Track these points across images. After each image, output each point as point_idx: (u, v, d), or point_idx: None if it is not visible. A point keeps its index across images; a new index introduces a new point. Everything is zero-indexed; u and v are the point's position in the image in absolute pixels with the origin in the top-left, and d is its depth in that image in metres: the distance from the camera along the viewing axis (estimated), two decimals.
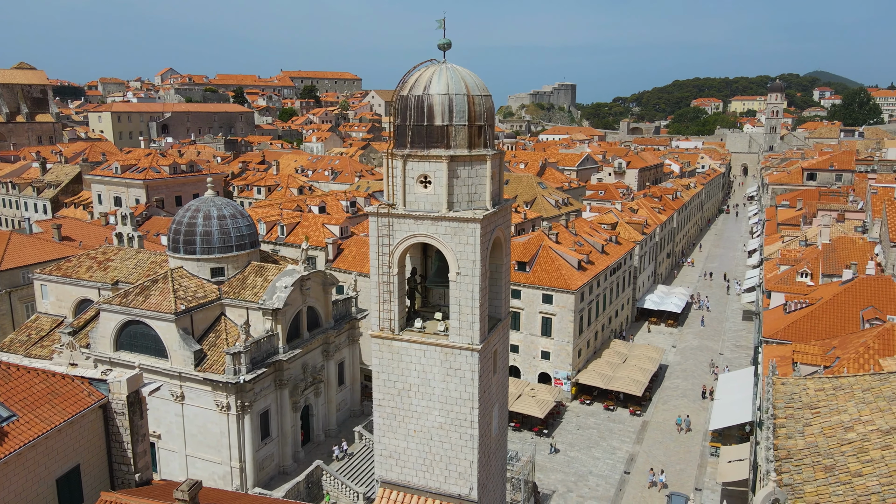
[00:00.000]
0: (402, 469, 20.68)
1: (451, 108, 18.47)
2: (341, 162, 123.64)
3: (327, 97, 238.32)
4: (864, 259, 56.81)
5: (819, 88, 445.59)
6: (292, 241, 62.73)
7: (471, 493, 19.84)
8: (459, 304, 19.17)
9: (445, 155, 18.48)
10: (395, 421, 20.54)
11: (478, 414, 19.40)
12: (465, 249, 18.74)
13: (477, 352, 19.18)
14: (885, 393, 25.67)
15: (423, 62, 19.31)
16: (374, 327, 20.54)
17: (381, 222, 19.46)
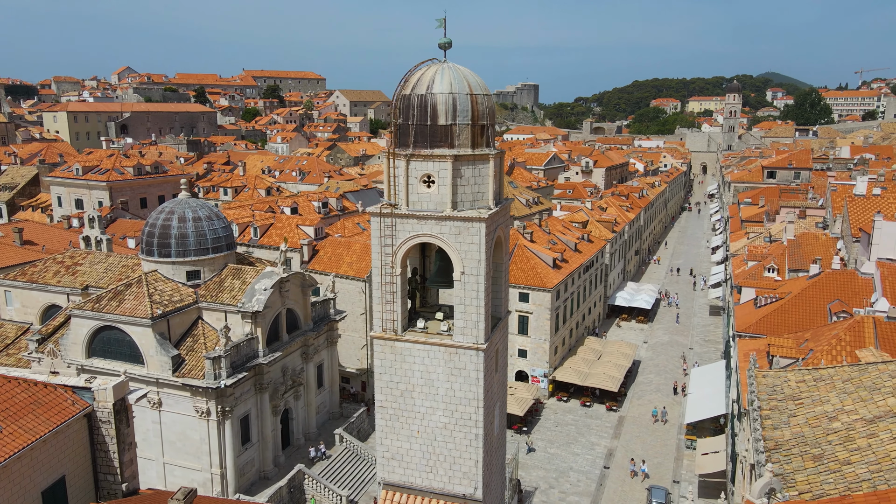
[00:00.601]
0: (404, 470, 20.58)
1: (455, 108, 18.45)
2: (309, 162, 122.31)
3: (291, 97, 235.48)
4: (827, 254, 58.72)
5: (772, 89, 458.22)
6: (266, 242, 61.81)
7: (476, 493, 19.86)
8: (464, 303, 19.16)
9: (450, 154, 18.46)
10: (398, 422, 20.43)
11: (483, 413, 19.44)
12: (471, 249, 18.75)
13: (482, 351, 19.21)
14: (865, 383, 26.55)
15: (423, 61, 19.28)
16: (375, 329, 20.37)
17: (383, 222, 19.33)
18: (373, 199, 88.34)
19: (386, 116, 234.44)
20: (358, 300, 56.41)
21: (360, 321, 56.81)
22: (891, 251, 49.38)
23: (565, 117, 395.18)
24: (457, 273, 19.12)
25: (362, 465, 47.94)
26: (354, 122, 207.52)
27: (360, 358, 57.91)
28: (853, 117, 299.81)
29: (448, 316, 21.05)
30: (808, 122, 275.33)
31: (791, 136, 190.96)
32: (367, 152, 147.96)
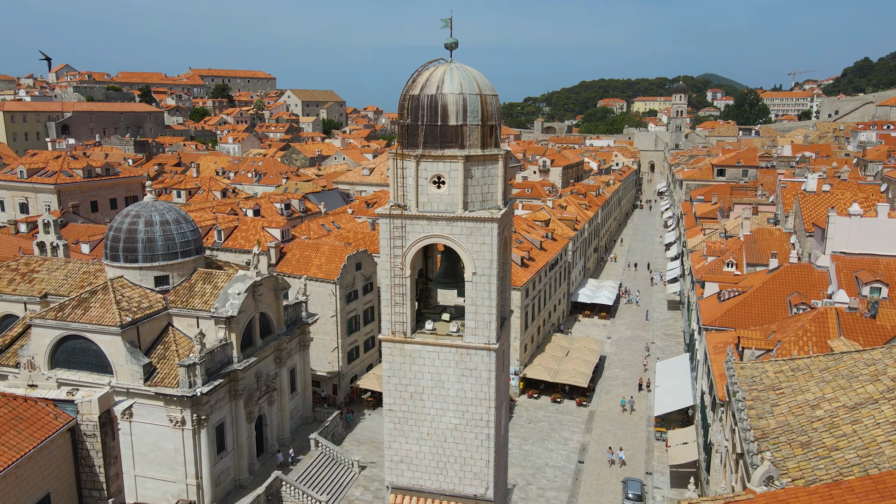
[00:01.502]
0: (413, 473, 20.46)
1: (466, 108, 18.44)
2: (265, 163, 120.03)
3: (240, 97, 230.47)
4: (782, 249, 61.09)
5: (712, 90, 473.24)
6: (231, 245, 60.38)
7: (487, 493, 19.91)
8: (475, 304, 19.17)
9: (461, 155, 18.43)
10: (407, 425, 20.28)
11: (494, 413, 19.50)
12: (482, 249, 18.77)
13: (494, 351, 19.27)
14: (842, 372, 27.71)
15: (430, 61, 19.18)
16: (383, 331, 20.16)
17: (392, 224, 19.15)
18: (334, 201, 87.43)
19: (338, 117, 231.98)
20: (328, 302, 55.70)
21: (331, 324, 56.12)
22: (844, 245, 51.70)
23: (515, 117, 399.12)
24: (468, 274, 19.12)
25: (339, 470, 47.38)
26: (307, 122, 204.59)
27: (331, 361, 57.21)
28: (789, 117, 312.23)
29: (455, 317, 21.02)
30: (748, 122, 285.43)
31: (735, 136, 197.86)
32: (323, 153, 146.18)
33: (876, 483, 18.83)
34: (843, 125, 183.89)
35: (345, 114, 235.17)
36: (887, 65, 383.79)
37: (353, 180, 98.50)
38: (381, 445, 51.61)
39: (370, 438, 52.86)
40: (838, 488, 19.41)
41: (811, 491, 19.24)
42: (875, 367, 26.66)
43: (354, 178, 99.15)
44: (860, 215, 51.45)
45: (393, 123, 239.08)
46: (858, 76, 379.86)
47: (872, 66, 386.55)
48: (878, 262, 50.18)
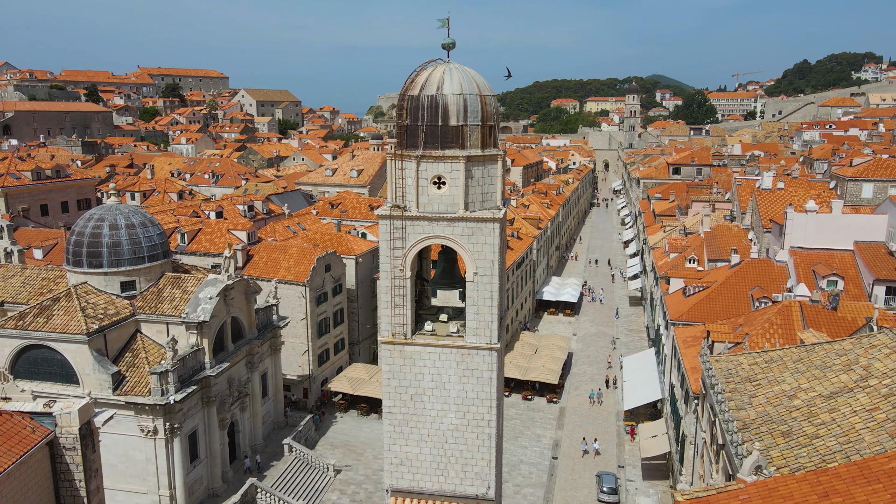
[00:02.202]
0: (413, 476, 20.38)
1: (466, 108, 18.45)
2: (222, 164, 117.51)
3: (192, 96, 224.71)
4: (741, 244, 63.07)
5: (660, 90, 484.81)
6: (195, 248, 58.90)
7: (489, 492, 19.98)
8: (477, 304, 19.21)
9: (462, 155, 18.44)
10: (408, 427, 20.18)
11: (496, 412, 19.58)
12: (484, 249, 18.82)
13: (496, 351, 19.35)
14: (815, 362, 28.78)
15: (428, 61, 19.12)
16: (383, 333, 20.00)
17: (393, 225, 19.02)
18: (297, 202, 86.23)
19: (294, 117, 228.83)
20: (298, 305, 54.93)
21: (301, 327, 55.37)
22: (801, 240, 53.69)
23: None
24: (469, 274, 19.14)
25: (314, 474, 46.78)
26: (262, 122, 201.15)
27: (301, 364, 56.43)
28: (734, 117, 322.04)
29: (452, 317, 21.02)
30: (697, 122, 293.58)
31: (686, 135, 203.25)
32: (281, 153, 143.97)
33: (861, 469, 19.55)
34: (787, 125, 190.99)
35: (301, 114, 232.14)
36: (824, 66, 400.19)
37: (315, 181, 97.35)
38: (355, 448, 51.32)
39: (344, 441, 52.37)
40: (825, 475, 20.08)
41: (800, 478, 19.88)
42: (847, 357, 27.76)
43: (317, 178, 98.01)
44: (816, 211, 53.52)
45: (350, 124, 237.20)
46: (798, 78, 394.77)
47: (811, 68, 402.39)
48: (834, 256, 52.32)
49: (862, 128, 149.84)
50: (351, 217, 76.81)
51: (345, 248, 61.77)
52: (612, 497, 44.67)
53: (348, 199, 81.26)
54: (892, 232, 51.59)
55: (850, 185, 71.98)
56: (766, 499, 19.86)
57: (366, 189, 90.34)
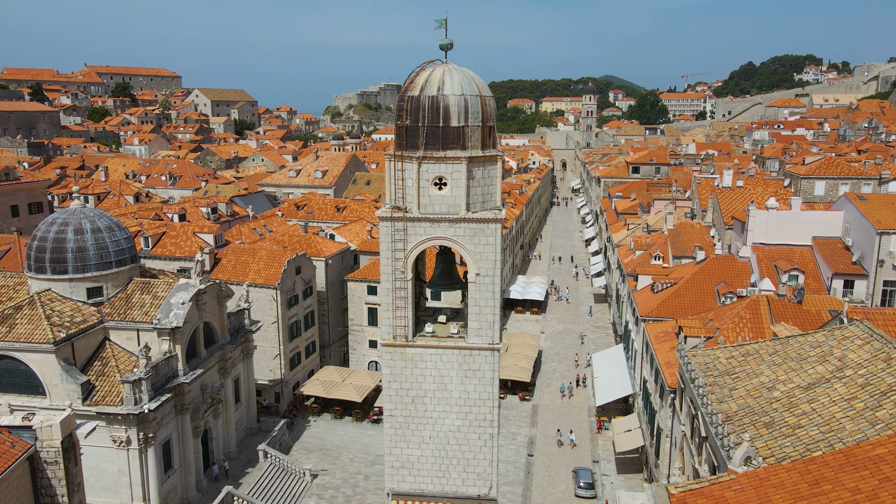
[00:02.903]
0: (415, 478, 20.28)
1: (467, 109, 18.44)
2: (179, 166, 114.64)
3: (144, 96, 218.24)
4: (703, 241, 64.74)
5: (613, 91, 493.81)
6: (160, 252, 57.29)
7: (491, 492, 20.04)
8: (479, 304, 19.23)
9: (464, 156, 18.43)
10: (409, 430, 20.07)
11: (497, 412, 19.65)
12: (486, 250, 18.86)
13: (497, 350, 19.42)
14: (790, 355, 29.75)
15: (427, 62, 19.05)
16: (383, 336, 19.83)
17: (394, 227, 18.87)
18: (262, 204, 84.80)
19: (250, 117, 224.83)
20: (269, 308, 54.03)
21: (272, 330, 54.48)
22: (762, 236, 55.45)
23: None
24: (471, 275, 19.15)
25: (291, 480, 46.09)
26: (218, 122, 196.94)
27: (272, 369, 55.53)
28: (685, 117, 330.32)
29: (451, 318, 21.00)
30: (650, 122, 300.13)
31: (641, 135, 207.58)
32: (240, 154, 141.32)
33: (847, 456, 20.27)
34: (737, 125, 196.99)
35: (257, 114, 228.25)
36: (768, 68, 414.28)
37: (279, 182, 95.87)
38: (330, 452, 50.79)
39: (318, 445, 51.74)
40: (813, 463, 20.76)
41: (789, 468, 20.51)
42: (821, 349, 28.79)
43: (280, 180, 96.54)
44: (777, 208, 55.34)
45: (308, 124, 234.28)
46: (744, 79, 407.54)
47: (756, 70, 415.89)
48: (794, 251, 54.20)
49: (808, 127, 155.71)
50: (317, 218, 75.95)
51: (314, 249, 61.03)
52: (589, 492, 45.33)
53: (314, 200, 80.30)
54: (847, 228, 53.75)
55: (803, 183, 74.72)
56: (759, 488, 20.41)
57: (331, 190, 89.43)
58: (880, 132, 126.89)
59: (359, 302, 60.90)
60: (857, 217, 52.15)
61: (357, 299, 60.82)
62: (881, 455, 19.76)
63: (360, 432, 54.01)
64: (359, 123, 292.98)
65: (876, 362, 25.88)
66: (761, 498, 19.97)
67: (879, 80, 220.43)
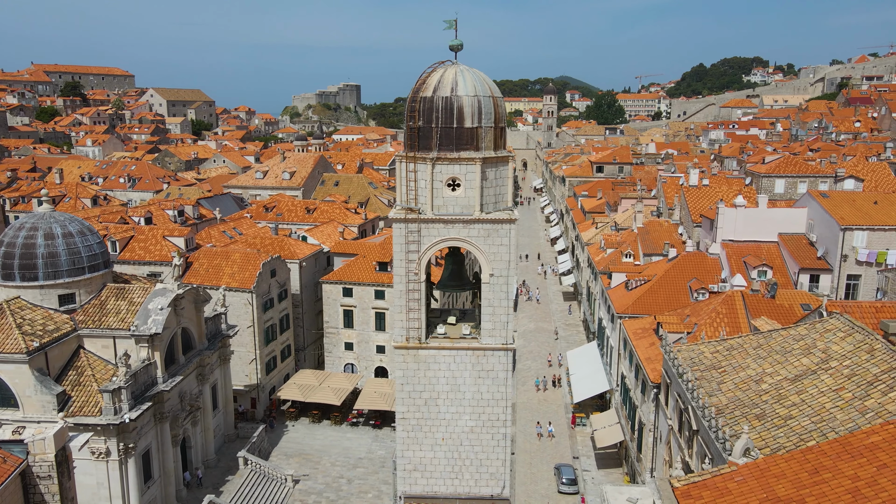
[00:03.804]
0: (427, 480, 20.18)
1: (480, 110, 18.45)
2: (138, 167, 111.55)
3: (95, 95, 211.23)
4: (672, 239, 66.18)
5: (570, 91, 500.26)
6: (129, 257, 55.60)
7: (504, 491, 20.10)
8: (492, 305, 19.25)
9: (478, 157, 18.43)
10: (422, 432, 19.96)
11: (511, 412, 19.70)
12: (500, 251, 18.89)
13: (511, 350, 19.48)
14: (774, 348, 30.66)
15: (436, 63, 18.96)
16: (396, 339, 19.66)
17: (408, 228, 18.74)
18: (228, 206, 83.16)
19: (208, 117, 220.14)
20: (244, 312, 53.05)
21: (248, 335, 53.50)
22: (731, 233, 57.00)
23: (388, 117, 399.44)
24: (485, 275, 19.16)
25: (272, 486, 45.34)
26: (174, 122, 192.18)
27: (248, 374, 54.53)
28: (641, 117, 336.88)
29: (461, 319, 20.98)
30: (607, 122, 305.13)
31: (601, 135, 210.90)
32: (200, 155, 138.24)
33: (844, 445, 20.98)
34: (693, 124, 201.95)
35: (215, 114, 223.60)
36: (718, 70, 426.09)
37: (245, 184, 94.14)
38: (311, 456, 50.17)
39: (298, 450, 51.04)
40: (811, 453, 21.43)
41: (788, 457, 21.13)
42: (804, 342, 29.73)
43: (247, 181, 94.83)
44: (744, 206, 56.96)
45: (267, 124, 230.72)
46: (695, 80, 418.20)
47: (707, 71, 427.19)
48: (761, 247, 55.88)
49: (761, 127, 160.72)
50: (287, 220, 74.89)
51: (287, 252, 60.16)
52: (571, 488, 45.85)
53: (283, 201, 79.14)
54: (811, 224, 55.69)
55: (763, 181, 77.13)
56: (760, 479, 20.96)
57: (299, 191, 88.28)
58: (830, 132, 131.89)
59: (334, 304, 60.28)
60: (820, 214, 54.07)
61: (332, 301, 60.19)
62: (876, 443, 20.46)
63: (340, 436, 53.49)
64: (318, 124, 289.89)
65: (860, 353, 26.85)
66: (764, 488, 20.49)
67: (825, 81, 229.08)
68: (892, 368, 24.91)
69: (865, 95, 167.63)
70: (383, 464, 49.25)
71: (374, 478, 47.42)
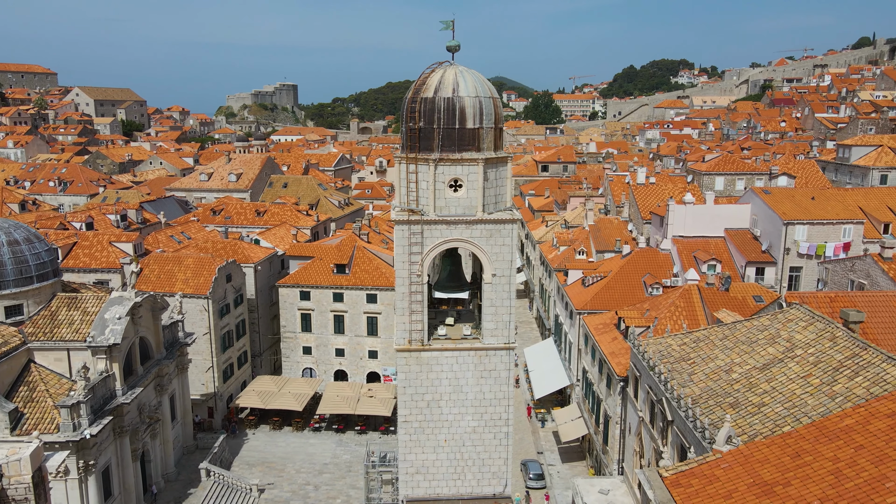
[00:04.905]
0: (430, 483, 20.07)
1: (482, 111, 18.47)
2: (70, 170, 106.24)
3: (14, 94, 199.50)
4: (623, 235, 68.07)
5: (506, 91, 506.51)
6: (73, 264, 52.84)
7: (506, 490, 20.20)
8: (494, 305, 19.30)
9: (480, 158, 18.45)
10: (424, 435, 19.82)
11: (511, 410, 19.83)
12: (502, 251, 18.96)
13: (513, 350, 19.59)
14: (740, 339, 31.96)
15: (434, 64, 18.86)
16: (398, 341, 19.46)
17: (411, 230, 18.57)
18: (173, 210, 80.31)
19: (139, 117, 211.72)
20: (200, 319, 51.36)
21: (204, 342, 51.83)
22: (681, 229, 59.08)
23: (326, 118, 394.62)
24: (487, 276, 19.20)
25: (237, 497, 44.06)
26: (103, 123, 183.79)
27: (204, 382, 52.83)
28: (577, 117, 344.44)
29: (459, 320, 20.95)
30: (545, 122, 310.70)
31: (541, 134, 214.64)
32: (134, 157, 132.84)
33: (820, 429, 22.11)
34: (629, 124, 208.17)
35: (147, 114, 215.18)
36: (648, 71, 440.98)
37: (189, 186, 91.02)
38: (274, 464, 49.06)
39: (261, 459, 49.80)
40: (791, 437, 22.49)
41: (769, 443, 22.12)
42: (769, 332, 31.13)
43: (191, 184, 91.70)
44: (693, 203, 59.15)
45: (203, 125, 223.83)
46: (626, 81, 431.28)
47: (637, 73, 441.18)
48: (709, 242, 58.18)
49: (694, 127, 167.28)
50: (237, 223, 72.99)
51: (242, 256, 58.62)
52: (538, 482, 46.52)
53: (230, 204, 77.03)
54: (754, 219, 58.35)
55: (705, 179, 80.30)
56: (745, 465, 21.84)
57: (247, 194, 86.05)
58: (759, 131, 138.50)
59: (291, 308, 59.13)
60: (764, 209, 56.74)
61: (289, 305, 59.02)
62: (850, 426, 21.60)
63: (303, 442, 52.50)
64: (256, 124, 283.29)
65: (822, 341, 28.29)
66: (750, 473, 21.36)
67: (749, 83, 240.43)
68: (856, 354, 26.33)
69: (788, 97, 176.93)
70: (349, 468, 48.68)
71: (342, 483, 46.80)
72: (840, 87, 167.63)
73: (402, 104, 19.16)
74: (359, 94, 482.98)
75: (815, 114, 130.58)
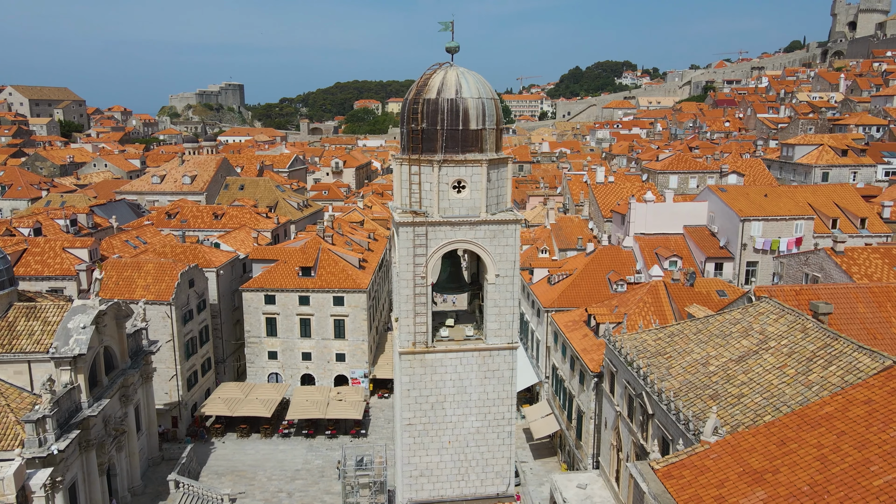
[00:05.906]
0: (434, 485, 19.97)
1: (484, 112, 18.49)
2: (8, 173, 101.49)
3: None
4: (584, 234, 69.34)
5: None
6: (24, 272, 50.37)
7: (509, 489, 20.29)
8: (498, 305, 19.34)
9: (483, 159, 18.47)
10: (428, 437, 19.71)
11: (514, 410, 19.92)
12: (506, 251, 19.03)
13: (516, 349, 19.68)
14: (714, 332, 32.97)
15: (435, 65, 18.78)
16: (402, 344, 19.29)
17: (415, 232, 18.43)
18: (125, 213, 77.55)
19: (78, 118, 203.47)
20: (163, 326, 49.81)
21: (167, 349, 50.28)
22: (642, 227, 60.59)
23: (274, 118, 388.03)
24: (490, 276, 19.23)
25: None
26: (39, 123, 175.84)
27: (168, 391, 51.25)
28: (526, 117, 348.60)
29: (459, 321, 20.93)
30: None
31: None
32: (76, 159, 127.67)
33: (802, 417, 23.04)
34: (579, 124, 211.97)
35: (86, 114, 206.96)
36: (593, 73, 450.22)
37: (140, 189, 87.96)
38: (244, 473, 48.05)
39: (230, 468, 48.62)
40: (775, 426, 23.36)
41: (754, 432, 22.94)
42: (741, 325, 32.20)
43: (142, 187, 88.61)
44: (654, 201, 60.69)
45: (146, 125, 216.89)
46: (573, 82, 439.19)
47: (583, 74, 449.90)
48: (669, 239, 59.84)
49: (642, 127, 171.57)
50: (193, 227, 71.05)
51: (203, 260, 57.10)
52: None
53: (186, 207, 74.93)
54: (712, 216, 60.29)
55: (659, 177, 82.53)
56: (734, 454, 22.59)
57: (202, 196, 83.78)
58: (705, 131, 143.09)
59: (255, 312, 57.97)
60: (720, 207, 58.68)
61: (254, 310, 57.85)
62: (831, 413, 22.58)
63: (272, 448, 51.51)
64: (202, 125, 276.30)
65: (794, 333, 29.45)
66: (739, 462, 22.10)
67: (692, 84, 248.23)
68: (827, 345, 27.49)
69: (730, 98, 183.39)
70: (322, 473, 48.06)
71: (315, 488, 46.15)
72: (778, 89, 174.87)
73: (402, 106, 19.03)
74: (307, 95, 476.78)
75: (757, 114, 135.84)
